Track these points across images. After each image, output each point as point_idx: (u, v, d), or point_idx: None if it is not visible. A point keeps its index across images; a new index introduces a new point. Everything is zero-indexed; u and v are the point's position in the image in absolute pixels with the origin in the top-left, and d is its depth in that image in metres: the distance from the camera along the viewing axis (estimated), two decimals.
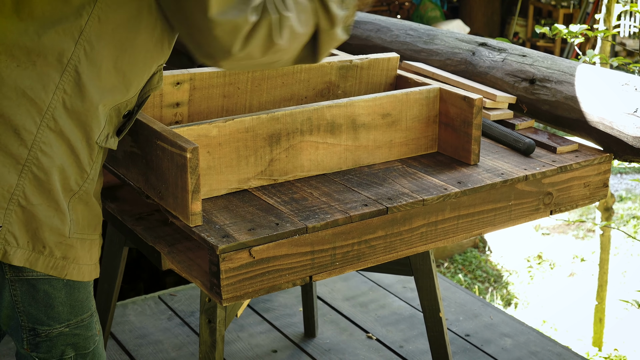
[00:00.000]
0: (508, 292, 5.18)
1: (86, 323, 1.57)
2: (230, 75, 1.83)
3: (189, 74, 1.78)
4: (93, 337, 1.60)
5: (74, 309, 1.53)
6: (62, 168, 1.43)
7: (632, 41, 9.55)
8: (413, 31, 2.60)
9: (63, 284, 1.50)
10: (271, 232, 1.52)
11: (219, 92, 1.83)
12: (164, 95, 1.76)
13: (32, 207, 1.41)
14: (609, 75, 2.01)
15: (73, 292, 1.52)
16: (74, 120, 1.42)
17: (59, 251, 1.46)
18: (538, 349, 2.91)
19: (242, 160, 1.69)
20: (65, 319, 1.53)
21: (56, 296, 1.50)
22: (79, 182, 1.47)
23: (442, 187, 1.74)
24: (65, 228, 1.46)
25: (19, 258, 1.42)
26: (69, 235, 1.47)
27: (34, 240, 1.43)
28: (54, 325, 1.52)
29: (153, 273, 3.84)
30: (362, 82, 2.00)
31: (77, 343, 1.56)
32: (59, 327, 1.52)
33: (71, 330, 1.54)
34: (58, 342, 1.54)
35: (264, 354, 2.84)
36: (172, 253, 1.66)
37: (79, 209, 1.49)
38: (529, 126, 2.12)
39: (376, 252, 1.66)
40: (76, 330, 1.55)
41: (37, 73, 1.38)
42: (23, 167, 1.40)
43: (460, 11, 11.18)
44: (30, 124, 1.39)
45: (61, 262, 1.47)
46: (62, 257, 1.47)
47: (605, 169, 1.98)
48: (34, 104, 1.38)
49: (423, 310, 2.30)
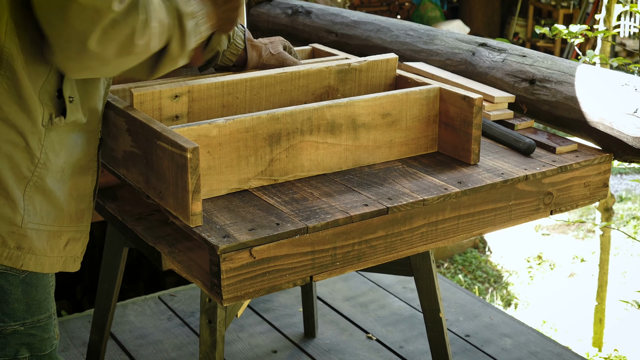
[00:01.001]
0: (508, 293, 5.18)
1: (43, 324, 1.55)
2: (228, 85, 1.84)
3: (187, 86, 1.78)
4: (50, 339, 1.57)
5: (30, 308, 1.52)
6: (11, 155, 1.42)
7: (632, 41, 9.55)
8: (413, 31, 2.60)
9: (19, 280, 1.48)
10: (272, 232, 1.52)
11: (218, 102, 1.83)
12: (163, 108, 1.76)
13: None
14: (609, 75, 2.01)
15: (30, 291, 1.51)
16: (18, 106, 1.41)
17: (12, 241, 1.45)
18: (538, 349, 2.91)
19: (242, 160, 1.69)
20: (21, 317, 1.51)
21: (12, 292, 1.48)
22: (30, 167, 1.45)
23: (442, 187, 1.74)
24: (17, 217, 1.45)
25: None
26: (21, 225, 1.46)
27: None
28: (8, 322, 1.50)
29: (153, 273, 3.84)
30: (361, 84, 2.00)
31: (33, 344, 1.54)
32: (13, 325, 1.51)
33: (26, 330, 1.52)
34: (12, 341, 1.52)
35: (264, 354, 2.84)
36: (173, 253, 1.66)
37: (35, 199, 1.47)
38: (528, 126, 2.12)
39: (376, 252, 1.66)
40: (32, 331, 1.53)
41: None
42: None
43: (460, 11, 11.18)
44: None
45: (15, 252, 1.46)
46: (16, 247, 1.46)
47: (605, 169, 1.98)
48: None
49: (423, 310, 2.30)
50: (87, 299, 3.65)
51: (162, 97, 1.75)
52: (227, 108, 1.85)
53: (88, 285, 3.64)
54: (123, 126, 1.68)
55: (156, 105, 1.75)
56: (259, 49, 1.99)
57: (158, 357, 2.82)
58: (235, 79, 1.84)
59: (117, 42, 1.38)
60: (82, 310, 3.46)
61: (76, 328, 2.98)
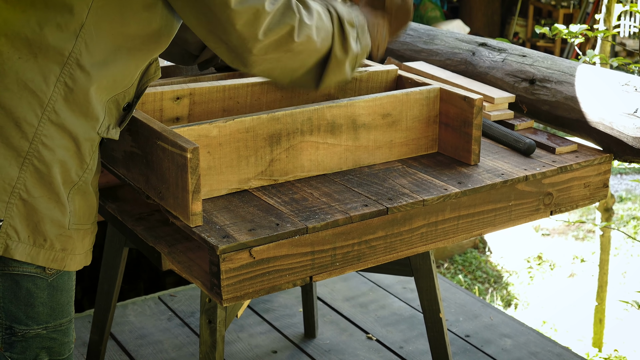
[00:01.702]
0: (508, 293, 5.18)
1: (64, 328, 1.55)
2: (229, 89, 1.84)
3: (188, 88, 1.79)
4: (69, 344, 1.58)
5: (54, 312, 1.52)
6: (63, 161, 1.43)
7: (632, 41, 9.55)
8: (413, 31, 2.60)
9: (47, 284, 1.49)
10: (271, 232, 1.52)
11: (219, 106, 1.83)
12: (164, 110, 1.76)
13: (33, 200, 1.41)
14: (609, 75, 2.01)
15: (55, 294, 1.51)
16: (75, 113, 1.42)
17: (59, 243, 1.46)
18: (538, 349, 2.91)
19: (242, 161, 1.69)
20: (44, 321, 1.51)
21: (38, 295, 1.49)
22: (79, 173, 1.47)
23: (442, 187, 1.74)
24: (65, 220, 1.46)
25: (20, 252, 1.42)
26: (68, 227, 1.47)
27: (34, 233, 1.43)
28: (31, 326, 1.50)
29: (153, 273, 3.84)
30: (361, 94, 2.01)
31: (53, 348, 1.54)
32: (36, 328, 1.51)
33: (48, 334, 1.53)
34: (33, 344, 1.52)
35: (264, 355, 2.84)
36: (173, 253, 1.66)
37: (77, 200, 1.49)
38: (528, 126, 2.12)
39: (376, 252, 1.66)
40: (53, 334, 1.53)
41: (39, 65, 1.37)
42: (24, 160, 1.39)
43: (460, 11, 11.18)
44: (32, 117, 1.38)
45: (60, 255, 1.47)
46: (62, 249, 1.47)
47: (605, 169, 1.98)
48: (36, 97, 1.38)
49: (423, 310, 2.30)
50: (87, 299, 3.65)
51: (164, 98, 1.76)
52: (228, 112, 1.86)
53: (88, 285, 3.64)
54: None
55: (157, 106, 1.75)
56: None
57: (158, 357, 2.82)
58: (237, 84, 1.85)
59: (278, 35, 1.47)
60: (82, 310, 3.46)
61: (76, 328, 2.98)
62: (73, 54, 1.38)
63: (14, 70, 1.37)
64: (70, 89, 1.40)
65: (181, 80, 1.93)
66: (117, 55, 1.43)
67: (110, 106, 1.48)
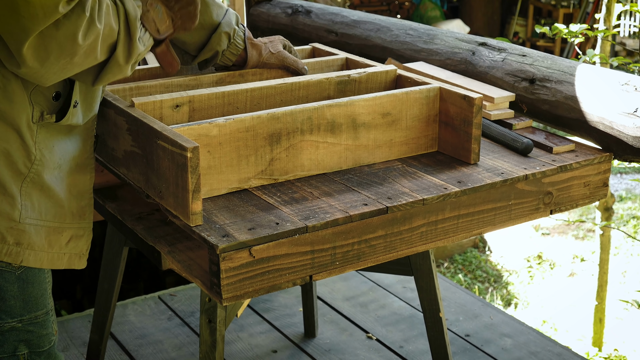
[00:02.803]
0: (508, 292, 5.18)
1: (40, 320, 1.56)
2: (228, 95, 1.84)
3: (187, 96, 1.79)
4: (48, 336, 1.59)
5: (27, 305, 1.53)
6: (7, 151, 1.44)
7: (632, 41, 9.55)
8: (413, 31, 2.60)
9: (15, 277, 1.50)
10: (271, 231, 1.52)
11: (219, 112, 1.83)
12: (164, 118, 1.76)
13: None
14: (609, 75, 2.01)
15: (26, 287, 1.52)
16: (10, 103, 1.43)
17: (10, 237, 1.47)
18: (538, 349, 2.91)
19: (242, 160, 1.69)
20: (18, 314, 1.52)
21: (8, 289, 1.50)
22: (27, 164, 1.47)
23: (442, 186, 1.74)
24: (15, 212, 1.46)
25: None
26: (19, 220, 1.47)
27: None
28: (5, 319, 1.51)
29: (153, 273, 3.83)
30: (360, 94, 2.01)
31: (31, 340, 1.55)
32: (10, 322, 1.52)
33: (24, 327, 1.54)
34: (10, 337, 1.53)
35: (264, 354, 2.84)
36: (172, 253, 1.66)
37: (33, 195, 1.49)
38: (526, 126, 2.11)
39: (376, 251, 1.66)
40: (29, 327, 1.54)
41: None
42: None
43: (460, 11, 11.18)
44: None
45: (15, 249, 1.48)
46: (15, 243, 1.48)
47: (605, 168, 1.98)
48: None
49: (423, 310, 2.30)
50: (87, 298, 3.65)
51: (163, 106, 1.76)
52: None
53: (88, 285, 3.64)
54: (124, 126, 1.68)
55: (157, 114, 1.75)
56: (259, 48, 1.99)
57: (158, 357, 2.82)
58: (236, 90, 1.85)
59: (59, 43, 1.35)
60: (82, 310, 3.46)
61: (76, 328, 2.98)
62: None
63: None
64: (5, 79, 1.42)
65: (180, 81, 1.93)
66: None
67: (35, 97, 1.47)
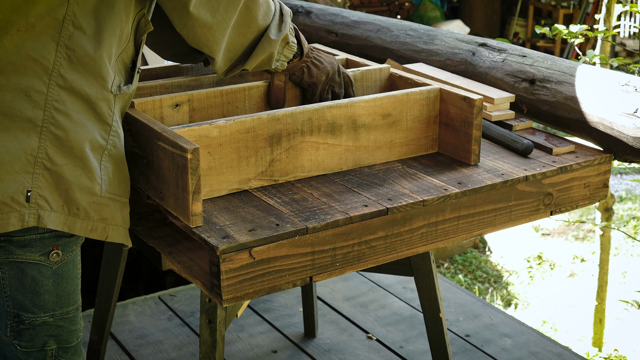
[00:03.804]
0: (508, 293, 5.18)
1: (71, 316, 1.56)
2: (227, 94, 1.85)
3: (186, 95, 1.79)
4: (77, 331, 1.59)
5: (60, 300, 1.53)
6: (82, 123, 1.44)
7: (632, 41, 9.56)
8: (413, 31, 2.60)
9: (52, 272, 1.50)
10: (271, 232, 1.52)
11: (218, 112, 1.84)
12: (165, 118, 1.77)
13: (58, 169, 1.42)
14: (609, 75, 2.01)
15: (61, 282, 1.52)
16: (82, 74, 1.43)
17: (94, 212, 1.47)
18: (538, 349, 2.91)
19: (242, 161, 1.69)
20: (51, 309, 1.52)
21: (43, 283, 1.50)
22: (104, 136, 1.48)
23: (442, 187, 1.74)
24: (96, 187, 1.47)
25: (54, 221, 1.42)
26: (100, 194, 1.47)
27: (68, 203, 1.43)
28: (38, 314, 1.51)
29: (153, 273, 3.83)
30: (357, 93, 2.02)
31: (60, 335, 1.56)
32: (43, 316, 1.52)
33: (55, 322, 1.54)
34: (41, 332, 1.53)
35: (264, 354, 2.84)
36: (173, 253, 1.66)
37: (110, 168, 1.50)
38: (527, 127, 2.12)
39: (376, 252, 1.66)
40: (60, 322, 1.55)
41: (37, 34, 1.39)
42: (41, 129, 1.40)
43: (460, 11, 11.18)
44: (40, 85, 1.40)
45: (100, 225, 1.48)
46: (100, 219, 1.48)
47: (605, 169, 1.98)
48: (39, 65, 1.40)
49: (423, 310, 2.30)
50: (87, 298, 3.65)
51: (163, 105, 1.77)
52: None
53: (88, 285, 3.64)
54: (124, 126, 1.68)
55: (157, 114, 1.76)
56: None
57: (158, 357, 2.82)
58: (235, 88, 1.85)
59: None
60: (82, 310, 3.46)
61: None
62: (68, 16, 1.40)
63: (14, 44, 1.38)
64: (72, 51, 1.42)
65: (181, 81, 1.93)
66: (107, 10, 1.45)
67: (118, 66, 1.50)
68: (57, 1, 1.39)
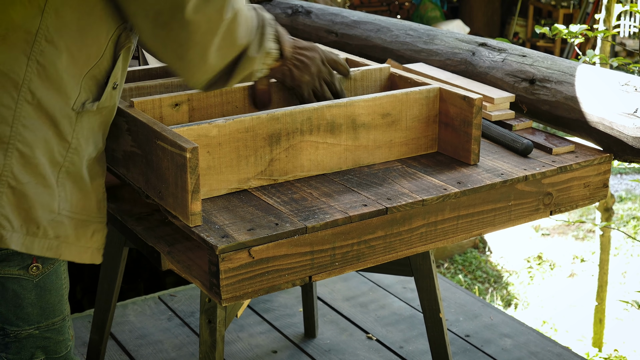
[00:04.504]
0: (508, 293, 5.18)
1: (58, 327, 1.54)
2: (226, 93, 1.85)
3: (186, 94, 1.79)
4: (65, 341, 1.57)
5: (45, 312, 1.51)
6: (45, 140, 1.40)
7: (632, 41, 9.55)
8: (413, 31, 2.60)
9: (33, 285, 1.47)
10: (271, 232, 1.52)
11: (218, 111, 1.84)
12: (164, 117, 1.77)
13: (21, 187, 1.38)
14: (609, 75, 2.01)
15: (44, 295, 1.50)
16: (49, 90, 1.39)
17: (52, 230, 1.44)
18: (538, 349, 2.91)
19: (242, 160, 1.69)
20: (35, 321, 1.50)
21: (25, 296, 1.47)
22: (62, 152, 1.44)
23: (441, 187, 1.74)
24: (55, 203, 1.43)
25: (15, 242, 1.39)
26: (58, 211, 1.44)
27: (27, 222, 1.40)
28: (22, 327, 1.50)
29: (153, 273, 3.83)
30: (356, 93, 2.02)
31: (48, 347, 1.54)
32: (28, 329, 1.50)
33: (41, 333, 1.52)
34: (27, 344, 1.51)
35: (264, 354, 2.84)
36: (172, 253, 1.66)
37: (67, 186, 1.46)
38: (526, 127, 2.11)
39: (376, 252, 1.66)
40: (46, 334, 1.53)
41: (8, 47, 1.35)
42: (8, 146, 1.37)
43: (460, 11, 11.18)
44: (8, 100, 1.36)
45: (55, 242, 1.45)
46: (55, 237, 1.45)
47: (605, 169, 1.98)
48: (9, 79, 1.36)
49: (423, 310, 2.30)
50: (87, 299, 3.65)
51: (163, 105, 1.77)
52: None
53: (88, 285, 3.64)
54: (123, 126, 1.68)
55: (157, 113, 1.76)
56: None
57: (158, 357, 2.82)
58: (234, 88, 1.85)
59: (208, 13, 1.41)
60: (82, 310, 3.45)
61: (76, 328, 2.98)
62: (41, 30, 1.36)
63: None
64: (42, 66, 1.37)
65: (181, 81, 1.93)
66: (83, 25, 1.40)
67: (88, 82, 1.45)
68: (31, 13, 1.35)
